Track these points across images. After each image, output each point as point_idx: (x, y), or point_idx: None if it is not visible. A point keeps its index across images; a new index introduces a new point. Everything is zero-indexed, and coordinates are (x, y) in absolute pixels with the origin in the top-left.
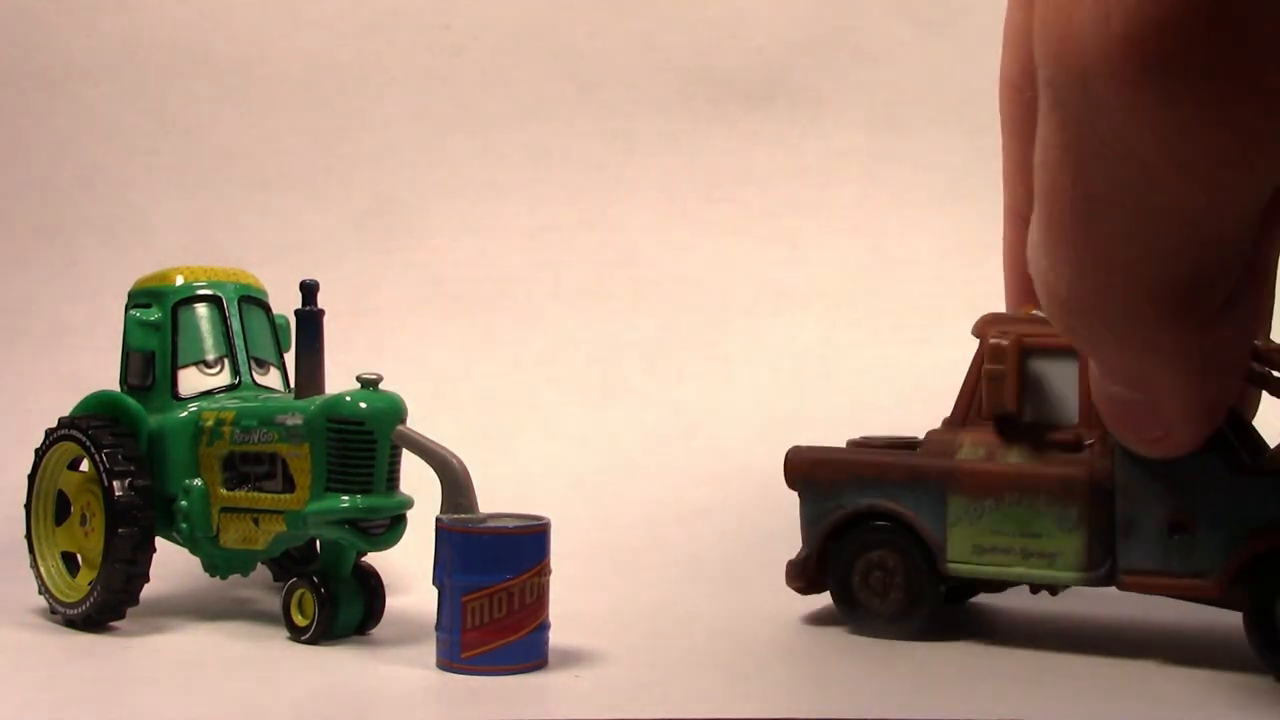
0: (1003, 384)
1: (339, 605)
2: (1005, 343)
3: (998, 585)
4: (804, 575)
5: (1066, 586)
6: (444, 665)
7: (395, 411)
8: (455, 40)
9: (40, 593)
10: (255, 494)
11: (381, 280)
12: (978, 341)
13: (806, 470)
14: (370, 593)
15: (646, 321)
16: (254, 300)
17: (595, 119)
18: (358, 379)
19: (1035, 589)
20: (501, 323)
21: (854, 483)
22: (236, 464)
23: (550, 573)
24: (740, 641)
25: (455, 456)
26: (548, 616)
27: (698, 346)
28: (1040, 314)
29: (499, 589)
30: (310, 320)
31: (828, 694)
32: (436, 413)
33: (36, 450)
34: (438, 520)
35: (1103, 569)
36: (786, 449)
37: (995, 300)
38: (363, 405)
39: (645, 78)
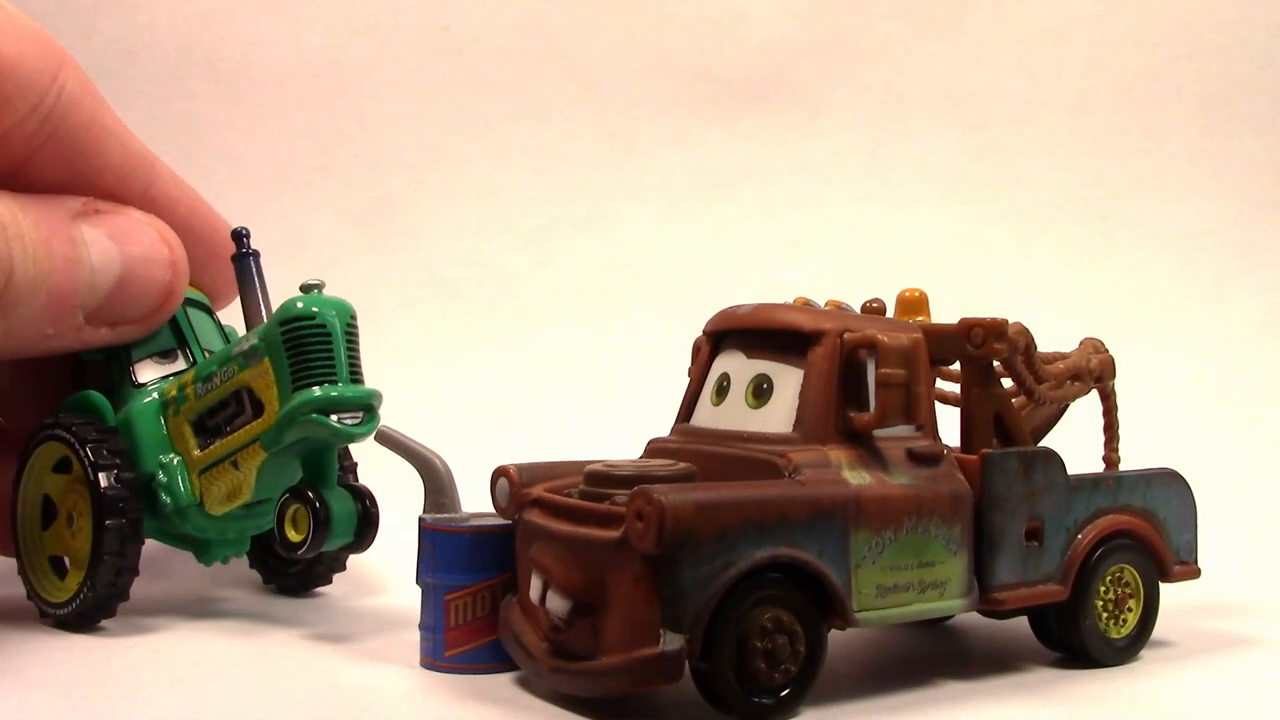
0: (909, 392)
1: (332, 515)
2: (908, 343)
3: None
4: (678, 670)
5: (951, 616)
6: (427, 664)
7: (343, 306)
8: (455, 41)
9: (29, 597)
10: (229, 438)
11: (381, 280)
12: (837, 342)
13: (692, 521)
14: (364, 513)
15: (646, 321)
16: (197, 304)
17: (595, 119)
18: (300, 287)
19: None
20: (501, 323)
21: (749, 529)
22: (205, 421)
23: None
24: None
25: (438, 456)
26: None
27: None
28: (842, 304)
29: (482, 587)
30: (244, 262)
31: (825, 694)
32: (436, 412)
33: (21, 454)
34: (420, 519)
35: (977, 590)
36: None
37: (993, 299)
38: (310, 304)
39: (645, 78)
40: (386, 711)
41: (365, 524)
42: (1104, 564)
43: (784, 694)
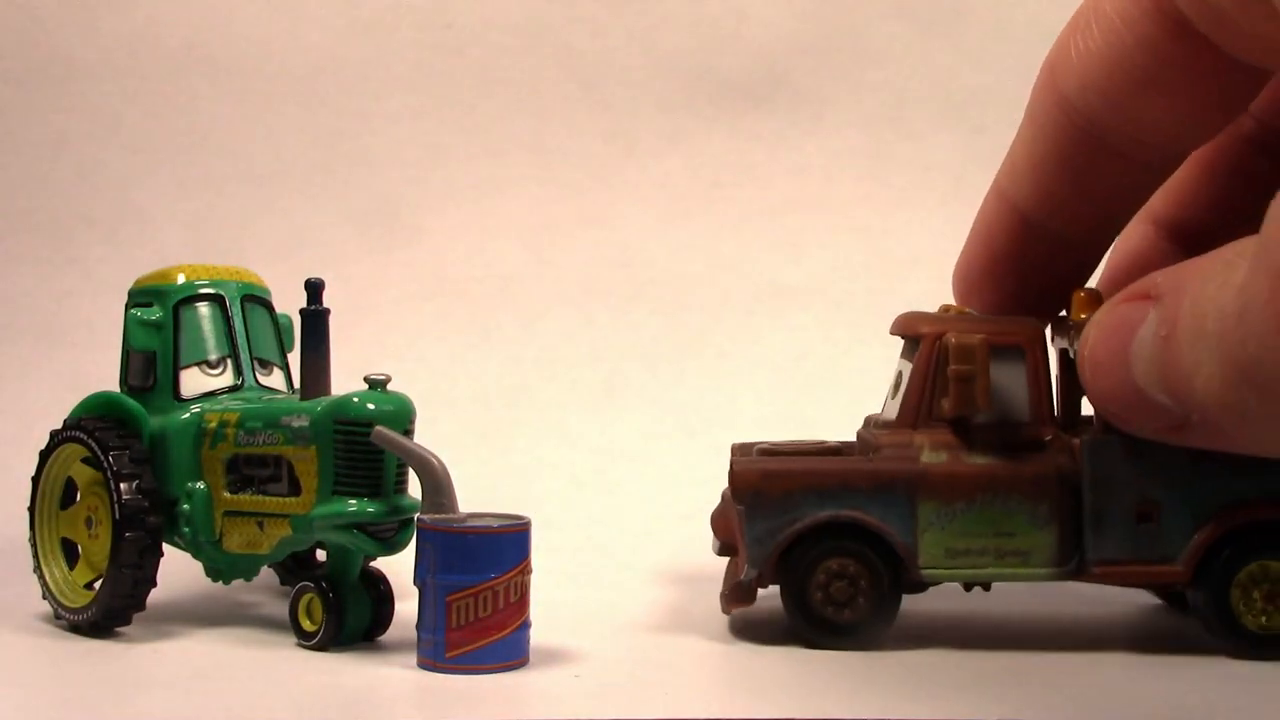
0: (973, 385)
1: (347, 610)
2: (974, 342)
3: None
4: (750, 596)
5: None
6: (426, 665)
7: (405, 413)
8: (456, 40)
9: (44, 598)
10: (260, 497)
11: (381, 279)
12: (906, 340)
13: (756, 483)
14: (379, 598)
15: (646, 321)
16: (257, 299)
17: (595, 119)
18: (365, 380)
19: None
20: (501, 322)
21: (812, 494)
22: (240, 467)
23: (531, 571)
24: (739, 641)
25: (435, 456)
26: (529, 615)
27: (698, 346)
28: (967, 310)
29: (484, 588)
30: (316, 319)
31: (824, 695)
32: (436, 412)
33: (41, 453)
34: (419, 520)
35: (1073, 563)
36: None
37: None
38: (371, 407)
39: (645, 78)
40: (386, 713)
41: (379, 620)
42: (1243, 554)
43: (844, 622)
